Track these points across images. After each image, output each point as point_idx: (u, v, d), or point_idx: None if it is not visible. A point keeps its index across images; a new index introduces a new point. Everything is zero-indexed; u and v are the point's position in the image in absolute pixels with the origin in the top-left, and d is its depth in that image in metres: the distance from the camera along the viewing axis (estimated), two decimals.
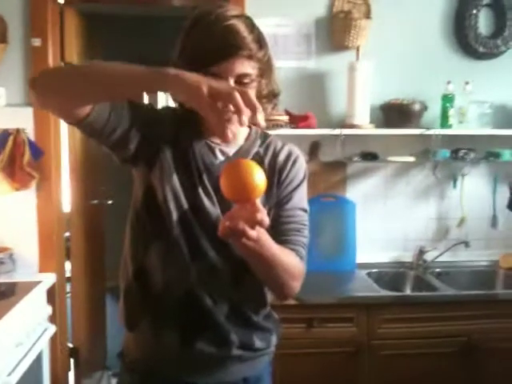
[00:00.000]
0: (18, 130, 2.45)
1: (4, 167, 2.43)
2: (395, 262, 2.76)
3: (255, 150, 1.29)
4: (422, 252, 2.70)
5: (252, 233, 0.99)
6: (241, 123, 0.93)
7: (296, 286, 1.23)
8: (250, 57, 1.16)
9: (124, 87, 1.01)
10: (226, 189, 1.03)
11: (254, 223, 0.99)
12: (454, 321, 2.31)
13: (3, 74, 2.48)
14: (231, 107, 0.93)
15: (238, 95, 0.92)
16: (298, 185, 1.29)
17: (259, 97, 1.23)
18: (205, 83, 0.92)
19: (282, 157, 1.30)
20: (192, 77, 0.94)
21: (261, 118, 0.95)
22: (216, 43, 1.13)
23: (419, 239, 2.78)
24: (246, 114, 0.93)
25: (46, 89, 1.06)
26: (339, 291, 2.45)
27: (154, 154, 1.23)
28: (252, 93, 1.19)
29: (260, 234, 1.05)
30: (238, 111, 0.92)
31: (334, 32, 2.64)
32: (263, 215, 0.99)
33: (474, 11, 2.70)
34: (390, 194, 2.79)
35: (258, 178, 1.01)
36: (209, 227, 1.19)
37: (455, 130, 2.64)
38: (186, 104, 0.99)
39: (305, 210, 1.29)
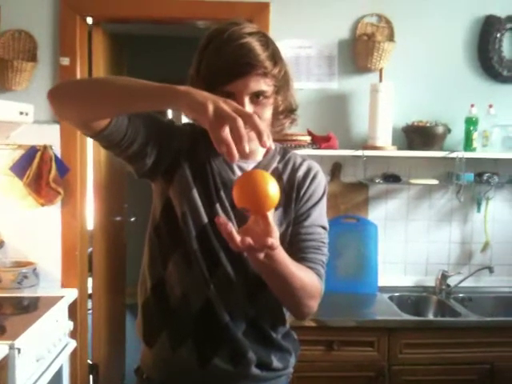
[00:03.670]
0: (45, 147, 2.51)
1: (30, 183, 2.48)
2: (418, 286, 2.73)
3: (274, 165, 1.28)
4: (444, 276, 2.66)
5: (259, 254, 1.00)
6: (240, 151, 0.91)
7: (313, 305, 1.21)
8: (265, 74, 1.15)
9: (135, 101, 1.02)
10: (238, 196, 1.01)
11: (264, 247, 0.98)
12: (476, 347, 2.26)
13: (32, 92, 2.55)
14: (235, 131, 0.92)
15: (240, 122, 0.90)
16: (317, 201, 1.27)
17: (276, 113, 1.23)
18: (212, 102, 0.92)
19: (300, 172, 1.28)
20: (201, 94, 0.94)
21: (268, 141, 0.93)
22: (229, 62, 1.12)
23: (441, 263, 2.75)
24: (246, 141, 0.91)
25: (63, 99, 1.09)
26: (360, 314, 2.41)
27: (172, 169, 1.23)
28: (268, 110, 1.20)
29: (272, 252, 1.04)
30: (238, 138, 0.90)
31: (357, 54, 2.65)
32: (274, 240, 0.98)
33: (498, 35, 2.70)
34: (412, 216, 2.77)
35: (271, 188, 1.00)
36: (226, 242, 1.17)
37: (479, 153, 2.62)
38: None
39: (324, 228, 1.27)
